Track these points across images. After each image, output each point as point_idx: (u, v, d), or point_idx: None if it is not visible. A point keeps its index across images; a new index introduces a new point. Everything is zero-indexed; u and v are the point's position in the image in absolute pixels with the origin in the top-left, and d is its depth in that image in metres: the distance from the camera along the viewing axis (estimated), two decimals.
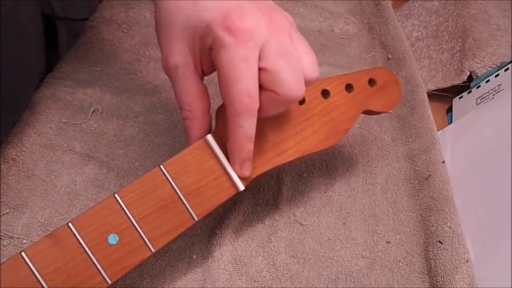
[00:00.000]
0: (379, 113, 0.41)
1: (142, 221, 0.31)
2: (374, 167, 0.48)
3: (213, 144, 0.33)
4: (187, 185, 0.32)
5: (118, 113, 0.49)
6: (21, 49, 0.41)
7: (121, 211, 0.30)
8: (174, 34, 0.33)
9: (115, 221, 0.30)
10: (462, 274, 0.38)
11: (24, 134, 0.45)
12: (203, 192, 0.33)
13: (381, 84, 0.39)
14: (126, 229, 0.30)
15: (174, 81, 0.34)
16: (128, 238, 0.30)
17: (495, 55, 0.54)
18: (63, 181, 0.43)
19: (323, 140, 0.37)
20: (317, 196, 0.45)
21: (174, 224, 0.32)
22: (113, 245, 0.30)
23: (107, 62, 0.54)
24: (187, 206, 0.32)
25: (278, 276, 0.40)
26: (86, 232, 0.29)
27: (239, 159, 0.33)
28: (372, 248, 0.42)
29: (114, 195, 0.31)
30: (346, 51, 0.61)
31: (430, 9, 0.64)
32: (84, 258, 0.29)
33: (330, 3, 0.66)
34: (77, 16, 0.59)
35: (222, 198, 0.33)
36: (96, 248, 0.29)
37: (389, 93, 0.40)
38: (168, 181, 0.32)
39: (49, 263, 0.28)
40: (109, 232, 0.30)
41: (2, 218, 0.39)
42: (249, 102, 0.31)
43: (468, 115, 0.51)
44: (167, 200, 0.32)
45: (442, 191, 0.44)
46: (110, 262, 0.29)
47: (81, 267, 0.29)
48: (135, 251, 0.30)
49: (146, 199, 0.31)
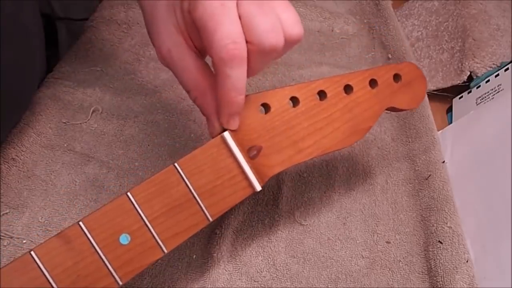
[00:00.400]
0: (402, 110, 0.39)
1: (155, 221, 0.30)
2: (374, 167, 0.48)
3: (230, 142, 0.32)
4: (202, 184, 0.31)
5: (118, 113, 0.49)
6: (23, 50, 0.41)
7: (133, 210, 0.29)
8: (159, 20, 0.33)
9: (127, 221, 0.29)
10: (462, 274, 0.38)
11: (24, 134, 0.45)
12: (218, 192, 0.31)
13: (407, 80, 0.38)
14: (139, 229, 0.29)
15: (173, 66, 0.33)
16: (140, 239, 0.29)
17: (495, 55, 0.54)
18: (63, 181, 0.43)
19: (344, 138, 0.35)
20: (317, 196, 0.45)
21: (188, 225, 0.30)
22: (125, 245, 0.29)
23: (107, 62, 0.54)
24: (201, 206, 0.31)
25: (278, 276, 0.40)
26: (97, 232, 0.28)
27: (227, 113, 0.32)
28: (372, 248, 0.42)
29: (127, 194, 0.29)
30: (346, 51, 0.61)
31: (430, 9, 0.64)
32: (95, 258, 0.28)
33: (330, 3, 0.66)
34: (77, 16, 0.59)
35: (238, 198, 0.32)
36: (107, 249, 0.28)
37: (414, 90, 0.38)
38: (182, 180, 0.30)
39: (59, 263, 0.27)
40: (121, 232, 0.29)
41: (2, 218, 0.39)
42: (234, 48, 0.29)
43: (468, 115, 0.51)
44: (181, 199, 0.30)
45: (442, 191, 0.44)
46: (121, 263, 0.28)
47: (92, 268, 0.28)
48: (147, 252, 0.29)
49: (159, 198, 0.30)
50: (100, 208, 0.29)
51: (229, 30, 0.29)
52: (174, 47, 0.33)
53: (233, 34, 0.29)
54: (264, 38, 0.29)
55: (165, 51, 0.33)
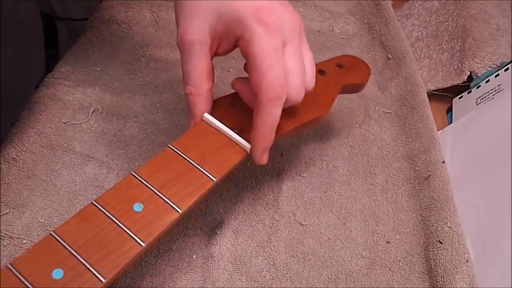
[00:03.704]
0: (359, 85, 0.46)
1: (163, 188, 0.32)
2: (374, 167, 0.48)
3: (212, 120, 0.36)
4: (198, 155, 0.34)
5: (118, 113, 0.49)
6: (22, 49, 0.41)
7: (141, 184, 0.31)
8: (200, 12, 0.34)
9: (137, 193, 0.31)
10: (462, 274, 0.38)
11: (24, 134, 0.45)
12: (215, 158, 0.34)
13: (349, 65, 0.45)
14: (150, 197, 0.31)
15: (187, 56, 0.35)
16: (153, 205, 0.31)
17: (495, 55, 0.54)
18: (63, 181, 0.43)
19: (314, 110, 0.40)
20: (317, 196, 0.45)
21: (196, 186, 0.32)
22: (140, 212, 0.30)
23: (107, 62, 0.54)
24: (203, 171, 0.33)
25: (278, 276, 0.40)
26: (111, 206, 0.30)
27: (261, 148, 0.35)
28: (372, 248, 0.42)
29: (131, 173, 0.32)
30: (346, 51, 0.61)
31: (430, 9, 0.64)
32: (113, 227, 0.29)
33: (330, 3, 0.66)
34: (77, 16, 0.59)
35: (235, 160, 0.35)
36: (123, 217, 0.30)
37: (359, 68, 0.46)
38: (180, 156, 0.34)
39: (79, 237, 0.29)
40: (134, 202, 0.31)
41: (2, 218, 0.39)
42: (280, 90, 0.33)
43: (468, 115, 0.51)
44: (183, 169, 0.33)
45: (442, 191, 0.44)
46: (139, 227, 0.30)
47: (112, 235, 0.29)
48: (162, 214, 0.31)
49: (163, 172, 0.32)
50: (109, 189, 0.31)
51: (279, 74, 0.33)
52: (198, 42, 0.35)
53: (281, 78, 0.33)
54: (295, 96, 0.34)
55: (187, 40, 0.35)
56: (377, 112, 0.54)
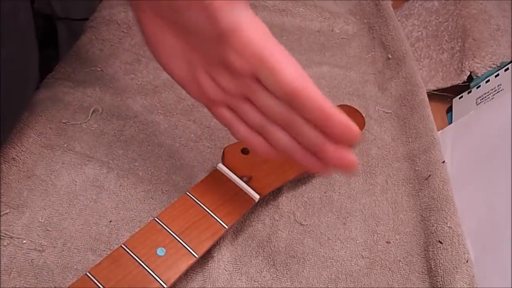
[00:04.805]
0: None
1: (183, 234, 0.36)
2: (374, 167, 0.48)
3: (225, 170, 0.40)
4: (212, 202, 0.38)
5: (118, 113, 0.49)
6: (21, 50, 0.41)
7: (163, 230, 0.36)
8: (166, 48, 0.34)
9: (160, 238, 0.36)
10: (462, 274, 0.38)
11: (24, 134, 0.45)
12: (227, 206, 0.38)
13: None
14: (171, 242, 0.36)
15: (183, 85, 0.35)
16: (174, 249, 0.35)
17: (495, 55, 0.54)
18: (63, 181, 0.43)
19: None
20: (317, 196, 0.45)
21: (210, 233, 0.37)
22: (162, 256, 0.35)
23: (107, 62, 0.54)
24: (216, 219, 0.38)
25: (278, 276, 0.40)
26: (137, 250, 0.35)
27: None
28: (372, 248, 0.42)
29: (154, 219, 0.36)
30: (346, 51, 0.61)
31: (430, 9, 0.64)
32: (140, 270, 0.34)
33: (330, 3, 0.66)
34: (77, 16, 0.59)
35: (245, 208, 0.39)
36: (148, 261, 0.34)
37: (354, 118, 0.41)
38: (196, 203, 0.38)
39: (111, 278, 0.33)
40: (157, 247, 0.35)
41: (2, 218, 0.39)
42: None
43: (468, 115, 0.51)
44: (199, 215, 0.37)
45: (442, 191, 0.44)
46: (162, 270, 0.34)
47: (139, 278, 0.33)
48: (182, 258, 0.35)
49: (181, 217, 0.37)
50: (135, 233, 0.36)
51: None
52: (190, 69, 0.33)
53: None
54: None
55: (183, 74, 0.33)
56: (377, 112, 0.54)
